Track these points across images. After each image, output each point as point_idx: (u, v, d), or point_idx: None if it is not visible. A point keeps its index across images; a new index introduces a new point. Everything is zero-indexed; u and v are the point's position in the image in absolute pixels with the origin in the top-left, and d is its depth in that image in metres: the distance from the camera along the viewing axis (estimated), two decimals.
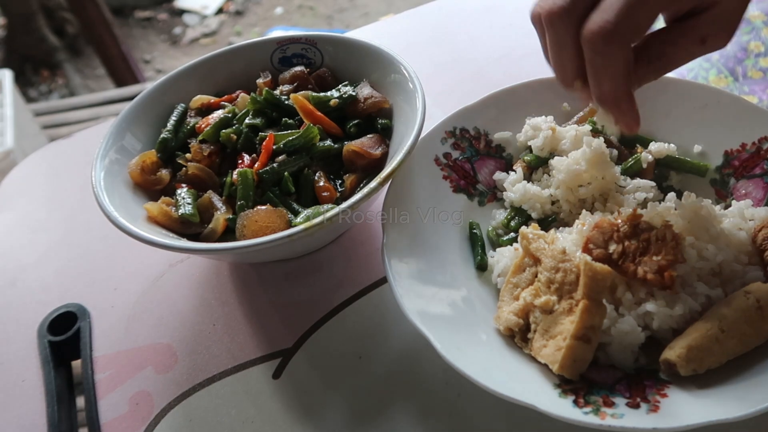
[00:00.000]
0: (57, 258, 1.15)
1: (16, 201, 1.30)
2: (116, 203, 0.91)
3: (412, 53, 1.10)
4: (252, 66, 1.13)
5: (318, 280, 1.01)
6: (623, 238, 0.80)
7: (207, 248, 0.84)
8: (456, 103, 1.05)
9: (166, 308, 1.02)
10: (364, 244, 1.04)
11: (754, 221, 0.85)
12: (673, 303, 0.78)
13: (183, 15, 4.86)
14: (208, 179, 0.99)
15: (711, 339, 0.73)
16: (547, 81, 1.07)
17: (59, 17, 4.35)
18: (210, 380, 0.91)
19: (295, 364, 0.91)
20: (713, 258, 0.80)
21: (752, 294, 0.75)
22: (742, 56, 1.45)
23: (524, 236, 0.84)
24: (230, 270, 1.06)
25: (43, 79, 4.26)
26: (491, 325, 0.84)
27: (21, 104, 3.15)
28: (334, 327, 0.94)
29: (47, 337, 1.00)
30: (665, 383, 0.75)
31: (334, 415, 0.85)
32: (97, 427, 0.89)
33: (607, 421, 0.68)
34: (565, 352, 0.74)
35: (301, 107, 1.01)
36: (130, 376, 0.94)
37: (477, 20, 1.50)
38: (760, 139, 0.95)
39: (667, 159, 0.98)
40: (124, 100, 3.57)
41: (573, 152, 0.96)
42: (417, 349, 0.89)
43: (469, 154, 1.03)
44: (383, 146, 0.99)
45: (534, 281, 0.83)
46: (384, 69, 1.05)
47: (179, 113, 1.07)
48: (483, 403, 0.82)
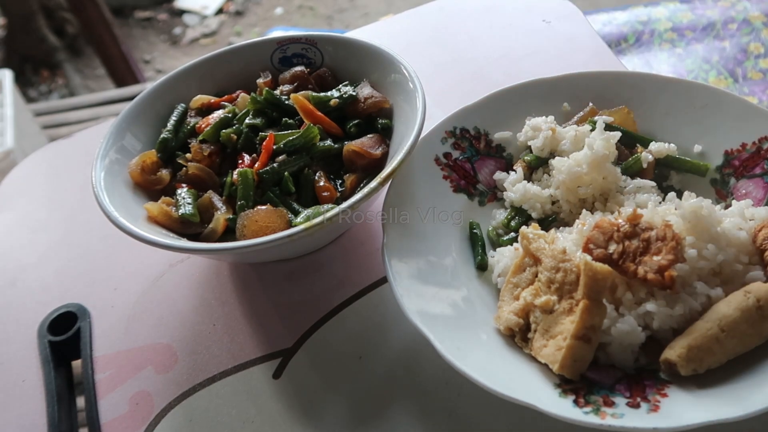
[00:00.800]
0: (57, 258, 1.15)
1: (16, 201, 1.30)
2: (116, 203, 0.91)
3: (412, 53, 1.10)
4: (252, 66, 1.13)
5: (318, 280, 1.01)
6: (623, 238, 0.80)
7: (207, 248, 0.84)
8: (456, 103, 1.05)
9: (166, 308, 1.02)
10: (364, 244, 1.04)
11: (754, 221, 0.85)
12: (673, 303, 0.78)
13: (183, 15, 4.86)
14: (208, 179, 0.99)
15: (711, 339, 0.73)
16: (547, 81, 1.07)
17: (59, 17, 4.35)
18: (210, 380, 0.91)
19: (295, 364, 0.91)
20: (713, 258, 0.80)
21: (752, 294, 0.75)
22: (742, 58, 1.45)
23: (524, 236, 0.84)
24: (230, 270, 1.06)
25: (43, 79, 4.25)
26: (491, 325, 0.84)
27: (21, 104, 3.15)
28: (334, 327, 0.94)
29: (47, 337, 1.00)
30: (665, 383, 0.75)
31: (334, 415, 0.85)
32: (97, 427, 0.88)
33: (607, 420, 0.68)
34: (565, 352, 0.74)
35: (301, 107, 1.01)
36: (130, 376, 0.94)
37: (477, 20, 1.50)
38: (760, 139, 0.94)
39: (667, 159, 0.98)
40: (124, 100, 3.57)
41: (574, 154, 0.96)
42: (417, 349, 0.89)
43: (469, 154, 1.03)
44: (383, 146, 0.99)
45: (534, 281, 0.83)
46: (384, 69, 1.05)
47: (179, 113, 1.07)
48: (483, 403, 0.82)
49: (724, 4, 1.98)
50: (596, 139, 0.95)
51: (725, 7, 1.96)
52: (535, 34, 1.41)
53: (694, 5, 2.02)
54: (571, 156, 0.96)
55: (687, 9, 2.02)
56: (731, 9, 1.94)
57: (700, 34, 1.89)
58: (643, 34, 1.99)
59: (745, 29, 1.48)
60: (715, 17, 1.93)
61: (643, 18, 2.05)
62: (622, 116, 1.03)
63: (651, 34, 1.98)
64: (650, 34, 1.98)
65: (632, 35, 2.01)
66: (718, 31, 1.86)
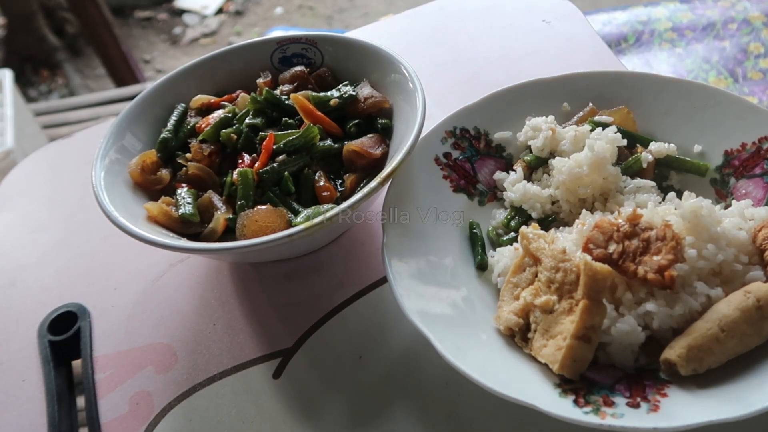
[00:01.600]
0: (57, 258, 1.15)
1: (16, 201, 1.30)
2: (116, 203, 0.91)
3: (412, 53, 1.10)
4: (252, 66, 1.13)
5: (318, 280, 1.01)
6: (623, 237, 0.80)
7: (207, 248, 0.84)
8: (456, 103, 1.05)
9: (166, 308, 1.02)
10: (364, 244, 1.04)
11: (754, 221, 0.85)
12: (673, 303, 0.78)
13: (183, 15, 4.86)
14: (208, 179, 0.99)
15: (711, 339, 0.73)
16: (547, 81, 1.07)
17: (59, 17, 4.35)
18: (210, 380, 0.91)
19: (295, 364, 0.91)
20: (713, 258, 0.80)
21: (752, 294, 0.75)
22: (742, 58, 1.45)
23: (524, 236, 0.84)
24: (230, 270, 1.06)
25: (43, 79, 4.25)
26: (491, 325, 0.84)
27: (21, 104, 3.15)
28: (334, 327, 0.94)
29: (47, 337, 1.00)
30: (665, 383, 0.75)
31: (334, 415, 0.85)
32: (97, 426, 0.88)
33: (607, 420, 0.68)
34: (565, 351, 0.74)
35: (301, 107, 1.01)
36: (130, 376, 0.94)
37: (477, 20, 1.50)
38: (760, 139, 0.94)
39: (667, 159, 0.98)
40: (124, 100, 3.57)
41: (575, 155, 0.96)
42: (417, 349, 0.89)
43: (469, 154, 1.03)
44: (383, 146, 0.99)
45: (534, 281, 0.83)
46: (384, 69, 1.05)
47: (179, 113, 1.07)
48: (483, 403, 0.82)
49: (724, 4, 1.98)
50: (597, 140, 0.95)
51: (725, 7, 1.96)
52: (535, 34, 1.41)
53: (694, 5, 2.02)
54: (572, 157, 0.96)
55: (687, 9, 2.02)
56: (731, 9, 1.94)
57: (700, 34, 1.89)
58: (643, 34, 1.99)
59: (745, 29, 1.48)
60: (715, 17, 1.94)
61: (643, 18, 2.05)
62: (622, 116, 1.03)
63: (651, 34, 1.98)
64: (650, 34, 1.98)
65: (632, 35, 2.01)
66: (718, 31, 1.86)
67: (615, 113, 1.03)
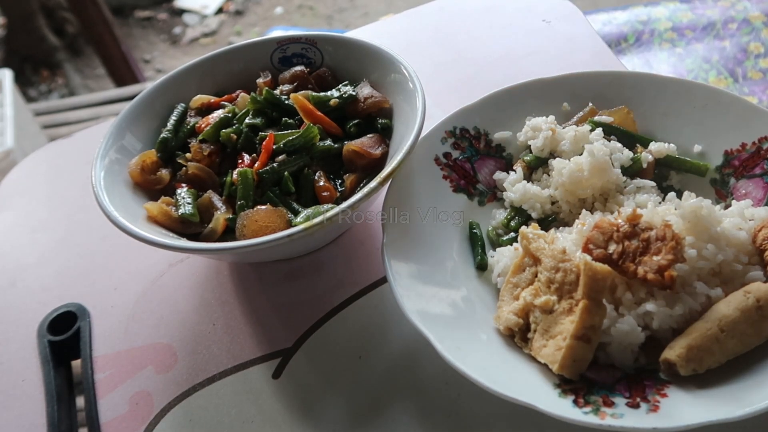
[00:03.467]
0: (57, 258, 1.15)
1: (16, 201, 1.30)
2: (116, 203, 0.91)
3: (412, 53, 1.10)
4: (252, 66, 1.13)
5: (318, 280, 1.01)
6: (623, 238, 0.80)
7: (207, 248, 0.84)
8: (456, 103, 1.05)
9: (166, 308, 1.02)
10: (364, 244, 1.04)
11: (754, 221, 0.85)
12: (673, 303, 0.78)
13: (183, 15, 4.86)
14: (208, 179, 0.99)
15: (711, 339, 0.73)
16: (547, 81, 1.07)
17: (59, 17, 4.35)
18: (210, 380, 0.91)
19: (295, 363, 0.91)
20: (713, 258, 0.80)
21: (752, 294, 0.75)
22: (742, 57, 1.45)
23: (524, 236, 0.84)
24: (230, 270, 1.06)
25: (43, 79, 4.25)
26: (491, 325, 0.84)
27: (21, 104, 3.15)
28: (334, 327, 0.94)
29: (47, 337, 1.00)
30: (665, 383, 0.75)
31: (334, 415, 0.85)
32: (97, 426, 0.88)
33: (607, 420, 0.68)
34: (565, 351, 0.74)
35: (301, 107, 1.01)
36: (130, 375, 0.94)
37: (477, 20, 1.50)
38: (760, 139, 0.94)
39: (667, 159, 0.98)
40: (124, 100, 3.57)
41: (575, 158, 0.95)
42: (417, 349, 0.89)
43: (469, 154, 1.03)
44: (383, 146, 0.99)
45: (534, 281, 0.83)
46: (384, 69, 1.05)
47: (179, 113, 1.07)
48: (483, 403, 0.82)
49: (724, 3, 1.98)
50: (596, 140, 0.95)
51: (725, 7, 1.96)
52: (535, 34, 1.41)
53: (694, 5, 2.02)
54: (572, 159, 0.96)
55: (687, 9, 2.02)
56: (731, 9, 1.94)
57: (700, 34, 1.89)
58: (643, 33, 1.99)
59: (745, 29, 1.48)
60: (715, 17, 1.93)
61: (643, 18, 2.05)
62: (622, 116, 1.03)
63: (651, 33, 1.98)
64: (650, 33, 1.98)
65: (632, 35, 2.01)
66: (718, 31, 1.86)
67: (615, 113, 1.03)
